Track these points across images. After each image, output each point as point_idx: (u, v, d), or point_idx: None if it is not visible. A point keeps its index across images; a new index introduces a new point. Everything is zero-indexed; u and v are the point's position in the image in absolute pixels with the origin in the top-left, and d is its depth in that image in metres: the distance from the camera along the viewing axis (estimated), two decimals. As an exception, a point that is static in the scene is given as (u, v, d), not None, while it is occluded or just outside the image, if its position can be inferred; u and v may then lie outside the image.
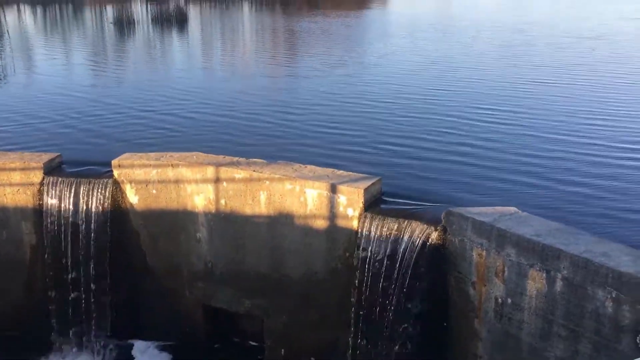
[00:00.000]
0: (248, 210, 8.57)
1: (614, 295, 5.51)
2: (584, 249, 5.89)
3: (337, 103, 14.70)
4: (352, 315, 7.90)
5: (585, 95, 14.79)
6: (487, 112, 13.38)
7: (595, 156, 10.20)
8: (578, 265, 5.77)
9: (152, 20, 41.36)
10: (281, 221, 8.36)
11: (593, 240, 6.12)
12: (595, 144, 10.85)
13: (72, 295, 9.49)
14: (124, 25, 37.93)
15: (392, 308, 7.47)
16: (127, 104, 14.90)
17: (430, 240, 7.22)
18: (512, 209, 7.06)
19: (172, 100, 15.37)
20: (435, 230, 7.22)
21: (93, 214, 9.19)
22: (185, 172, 8.87)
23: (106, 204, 9.21)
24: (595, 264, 5.63)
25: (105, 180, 9.28)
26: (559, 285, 5.99)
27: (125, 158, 9.36)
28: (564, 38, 26.51)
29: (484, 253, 6.74)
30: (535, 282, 6.21)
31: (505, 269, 6.51)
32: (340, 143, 11.24)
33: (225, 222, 8.80)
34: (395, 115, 13.35)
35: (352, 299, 7.88)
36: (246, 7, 59.59)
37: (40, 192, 9.34)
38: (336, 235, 8.03)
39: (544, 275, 6.10)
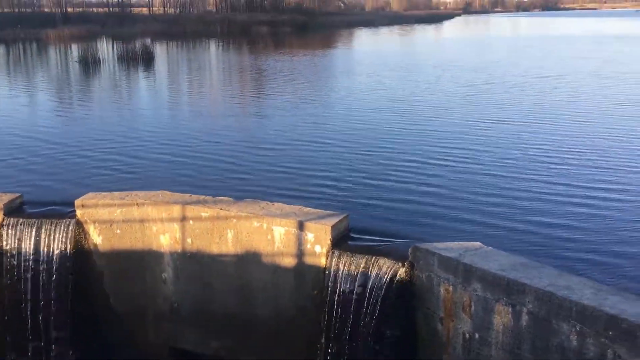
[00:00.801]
0: (215, 249, 8.50)
1: (578, 329, 5.59)
2: (548, 282, 5.99)
3: (304, 141, 14.82)
4: (322, 353, 7.82)
5: (545, 133, 15.19)
6: (451, 149, 13.64)
7: (554, 192, 10.44)
8: (542, 299, 5.86)
9: (118, 58, 41.36)
10: (249, 259, 8.30)
11: (556, 274, 6.23)
12: (554, 181, 11.11)
13: (32, 344, 9.17)
14: (89, 63, 37.83)
15: (362, 346, 7.43)
16: (91, 143, 14.76)
17: (397, 276, 7.25)
18: (477, 244, 7.16)
19: (137, 139, 15.29)
20: (403, 266, 7.26)
21: (55, 256, 8.98)
22: (150, 211, 8.78)
23: (68, 245, 9.01)
24: (559, 298, 5.72)
25: (68, 221, 9.11)
26: (524, 319, 6.06)
27: (88, 198, 9.23)
28: (524, 77, 27.41)
29: (450, 288, 6.79)
30: (501, 317, 6.27)
31: (472, 303, 6.56)
32: (307, 180, 11.30)
33: (191, 261, 8.70)
34: (362, 152, 13.51)
35: (321, 337, 7.81)
36: (213, 46, 60.11)
37: (-1, 234, 9.10)
38: (304, 272, 8.00)
39: (510, 309, 6.17)
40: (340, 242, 7.85)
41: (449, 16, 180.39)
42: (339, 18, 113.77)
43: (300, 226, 7.83)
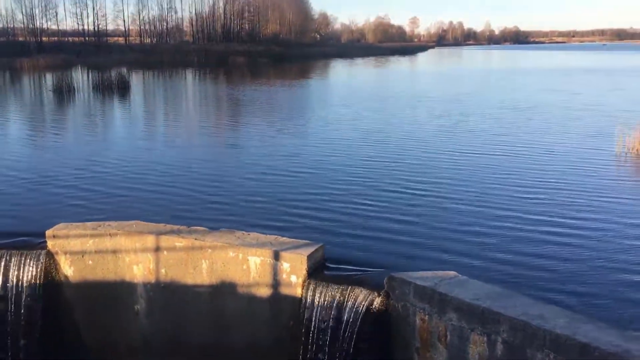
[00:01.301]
0: (189, 279, 8.40)
1: (552, 358, 5.62)
2: (522, 311, 6.03)
3: (280, 170, 14.84)
4: (297, 386, 7.72)
5: (517, 164, 15.45)
6: (425, 180, 13.78)
7: (527, 221, 10.58)
8: (517, 328, 5.89)
9: (93, 87, 41.17)
10: (224, 290, 8.21)
11: (530, 303, 6.29)
12: (527, 210, 11.29)
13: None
14: (64, 92, 37.57)
15: (338, 377, 7.35)
16: (64, 173, 14.57)
17: (373, 306, 7.23)
18: (452, 273, 7.20)
19: (112, 168, 15.15)
20: (378, 295, 7.26)
21: (24, 288, 8.78)
22: (123, 241, 8.66)
23: (38, 276, 8.83)
24: (533, 327, 5.76)
25: (39, 252, 8.94)
26: (499, 348, 6.08)
27: (60, 228, 9.08)
28: (496, 109, 27.92)
29: (426, 318, 6.79)
30: (477, 346, 6.28)
31: (448, 333, 6.56)
32: (283, 210, 11.28)
33: (165, 292, 8.58)
34: (338, 182, 13.57)
35: (297, 369, 7.72)
36: (189, 76, 60.26)
37: (-33, 266, 8.87)
38: (280, 303, 7.94)
39: (485, 339, 6.18)
40: (316, 272, 7.83)
41: (423, 48, 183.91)
42: (315, 49, 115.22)
43: (276, 256, 7.80)
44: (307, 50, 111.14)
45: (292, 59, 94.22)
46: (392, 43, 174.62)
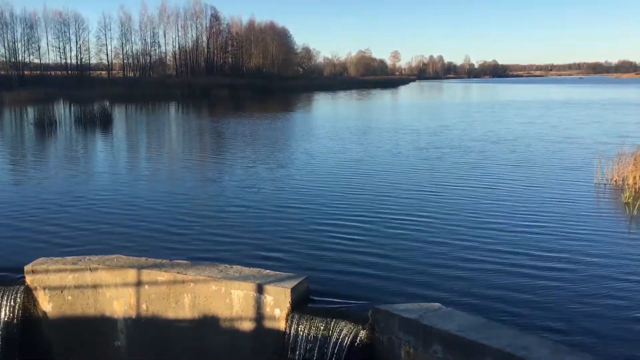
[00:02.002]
0: (171, 314, 8.26)
1: (537, 388, 5.59)
2: (506, 343, 6.00)
3: (263, 203, 14.80)
4: (281, 422, 7.57)
5: (498, 196, 15.60)
6: (409, 212, 13.83)
7: (510, 253, 10.62)
8: (502, 359, 5.86)
9: (75, 121, 41.03)
10: (207, 324, 8.08)
11: (514, 334, 6.27)
12: (509, 242, 11.37)
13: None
14: (45, 126, 37.37)
15: (322, 413, 7.22)
16: (44, 206, 14.40)
17: (358, 339, 7.16)
18: (437, 304, 7.17)
19: (93, 202, 15.00)
20: (363, 328, 7.19)
21: (1, 324, 8.57)
22: (104, 276, 8.53)
23: (16, 313, 8.63)
24: (518, 358, 5.72)
25: (16, 287, 8.75)
26: (485, 380, 6.03)
27: (39, 263, 8.92)
28: (476, 142, 28.26)
29: (411, 350, 6.73)
30: (462, 379, 6.22)
31: (433, 366, 6.50)
32: (266, 242, 11.22)
33: (146, 327, 8.42)
34: (320, 214, 13.56)
35: (281, 405, 7.57)
36: (172, 109, 60.35)
37: (-58, 302, 8.66)
38: (264, 337, 7.82)
39: (471, 370, 6.13)
40: (300, 304, 7.75)
41: (404, 81, 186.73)
42: (298, 82, 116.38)
43: (260, 289, 7.72)
44: (290, 83, 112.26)
45: (275, 92, 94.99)
46: (373, 76, 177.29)
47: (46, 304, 8.82)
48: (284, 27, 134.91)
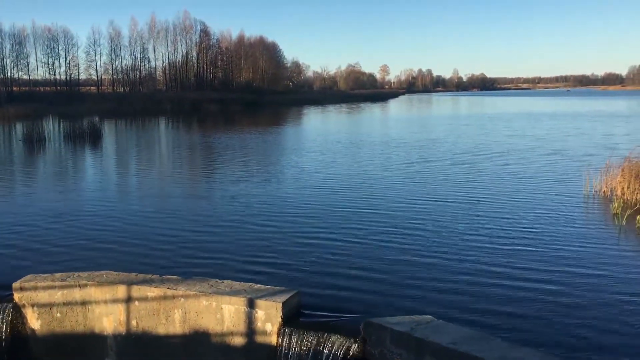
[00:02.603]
0: (161, 330, 8.19)
1: (531, 400, 5.57)
2: (499, 355, 6.00)
3: (254, 217, 14.76)
4: None
5: (486, 210, 15.58)
6: (399, 225, 13.84)
7: (502, 265, 10.63)
8: (495, 371, 5.84)
9: (64, 137, 40.88)
10: (197, 340, 8.02)
11: (506, 346, 6.26)
12: (501, 253, 11.39)
13: None
14: (34, 142, 37.18)
15: None
16: (33, 223, 14.27)
17: (350, 353, 7.12)
18: (428, 317, 7.16)
19: (82, 217, 14.89)
20: (355, 342, 7.16)
21: (-11, 343, 8.45)
22: (94, 292, 8.45)
23: (4, 330, 8.52)
24: (511, 370, 5.73)
25: (4, 305, 8.65)
26: (478, 393, 6.00)
27: (27, 280, 8.82)
28: (465, 155, 28.34)
29: (404, 364, 6.70)
30: (455, 392, 6.19)
31: (426, 379, 6.47)
32: (257, 257, 11.17)
33: (136, 344, 8.33)
34: (311, 228, 13.54)
35: (273, 421, 7.50)
36: (162, 124, 60.27)
37: None
38: (255, 352, 7.76)
39: (463, 383, 6.11)
40: (292, 319, 7.71)
41: (393, 95, 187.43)
42: (288, 97, 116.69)
43: (251, 304, 7.67)
44: (280, 97, 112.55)
45: (265, 106, 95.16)
46: (363, 90, 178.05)
47: (35, 321, 8.71)
48: (274, 42, 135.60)
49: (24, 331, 8.74)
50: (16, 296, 8.72)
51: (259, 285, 8.23)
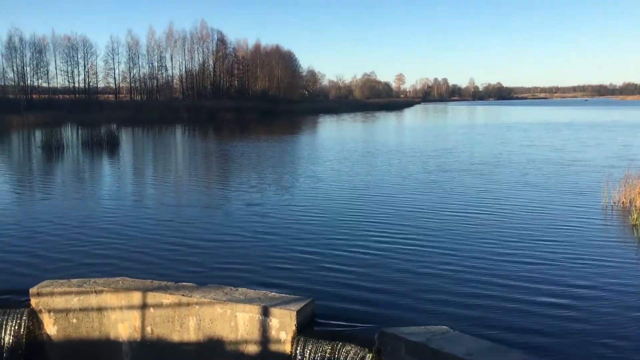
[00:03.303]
0: (176, 337, 8.20)
1: (548, 414, 5.49)
2: (516, 366, 5.92)
3: (269, 224, 14.77)
4: None
5: (504, 220, 15.52)
6: (416, 234, 13.78)
7: (518, 275, 10.57)
8: (511, 383, 5.77)
9: (82, 144, 41.28)
10: (212, 347, 8.02)
11: (522, 359, 6.18)
12: (516, 262, 11.31)
13: None
14: (53, 149, 37.58)
15: None
16: (51, 229, 14.41)
17: (365, 363, 7.07)
18: (444, 327, 7.10)
19: (99, 224, 15.01)
20: (370, 352, 7.11)
21: (6, 348, 8.52)
22: (109, 298, 8.49)
23: (21, 335, 8.58)
24: (527, 382, 5.65)
25: (22, 310, 8.72)
26: (494, 405, 5.92)
27: (44, 285, 8.90)
28: (482, 165, 28.14)
29: (418, 374, 6.63)
30: (471, 404, 6.12)
31: (441, 390, 6.40)
32: (272, 265, 11.17)
33: (151, 351, 8.35)
34: (327, 237, 13.52)
35: None
36: (179, 132, 60.69)
37: (-53, 325, 8.63)
38: (269, 360, 7.74)
39: (479, 395, 6.03)
40: (306, 327, 7.68)
41: (409, 104, 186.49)
42: (303, 105, 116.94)
43: (265, 312, 7.66)
44: (295, 106, 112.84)
45: (281, 115, 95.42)
46: (379, 99, 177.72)
47: (51, 327, 8.77)
48: (289, 51, 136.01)
49: (41, 336, 8.80)
50: (33, 301, 8.79)
51: (273, 293, 8.23)
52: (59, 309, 8.70)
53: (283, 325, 7.57)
